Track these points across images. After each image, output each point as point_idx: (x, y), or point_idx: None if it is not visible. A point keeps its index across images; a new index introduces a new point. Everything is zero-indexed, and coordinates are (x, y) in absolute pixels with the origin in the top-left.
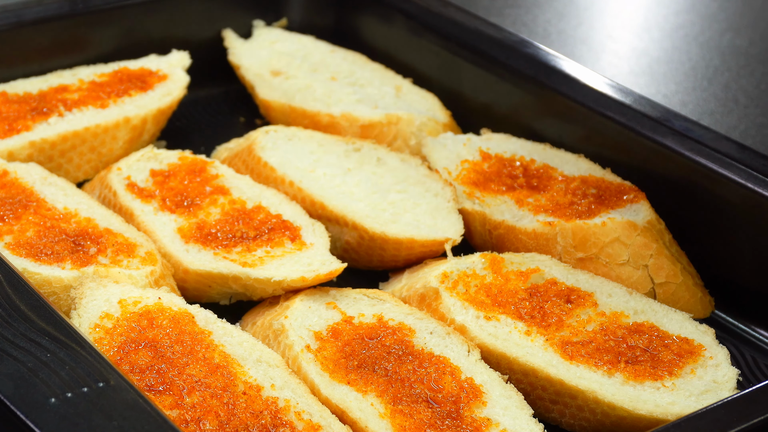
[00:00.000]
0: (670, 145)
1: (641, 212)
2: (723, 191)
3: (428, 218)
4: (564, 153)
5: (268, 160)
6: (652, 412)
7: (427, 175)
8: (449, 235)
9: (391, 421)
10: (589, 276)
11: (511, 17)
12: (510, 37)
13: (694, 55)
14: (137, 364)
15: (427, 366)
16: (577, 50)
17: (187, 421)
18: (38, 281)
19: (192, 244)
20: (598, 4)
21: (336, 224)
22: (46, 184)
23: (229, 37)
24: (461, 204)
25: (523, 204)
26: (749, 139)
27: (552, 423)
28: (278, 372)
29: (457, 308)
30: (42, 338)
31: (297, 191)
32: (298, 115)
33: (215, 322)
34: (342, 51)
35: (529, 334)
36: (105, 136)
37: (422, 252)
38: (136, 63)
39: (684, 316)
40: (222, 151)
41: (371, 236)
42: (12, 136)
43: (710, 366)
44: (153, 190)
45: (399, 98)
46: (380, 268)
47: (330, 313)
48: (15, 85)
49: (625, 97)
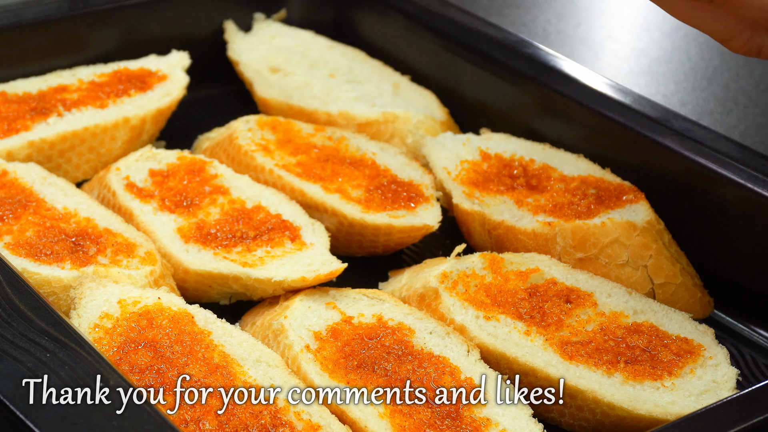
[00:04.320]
0: (670, 145)
1: (641, 212)
2: (723, 191)
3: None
4: (563, 153)
5: (249, 149)
6: (652, 412)
7: (406, 163)
8: (427, 222)
9: (390, 421)
10: (589, 276)
11: (511, 17)
12: (509, 37)
13: (693, 55)
14: (137, 364)
15: (426, 366)
16: (577, 50)
17: (187, 421)
18: (38, 281)
19: (192, 244)
20: (598, 4)
21: (316, 211)
22: (46, 184)
23: (230, 29)
24: (461, 204)
25: (522, 204)
26: (749, 139)
27: (551, 423)
28: (278, 372)
29: (457, 308)
30: (42, 338)
31: (277, 179)
32: (295, 113)
33: (215, 322)
34: (341, 47)
35: (529, 334)
36: (104, 137)
37: (400, 238)
38: (136, 63)
39: (683, 316)
40: (203, 140)
41: (350, 222)
42: (11, 136)
43: (710, 366)
44: (152, 190)
45: (397, 95)
46: (360, 254)
47: (329, 313)
48: (14, 85)
49: (624, 97)
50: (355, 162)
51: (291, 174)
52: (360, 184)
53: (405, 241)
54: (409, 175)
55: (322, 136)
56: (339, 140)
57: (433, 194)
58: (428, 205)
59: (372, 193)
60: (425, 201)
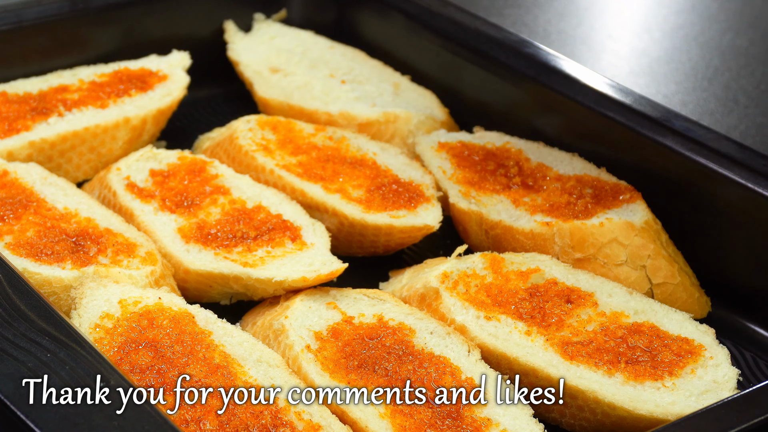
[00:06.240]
0: (671, 145)
1: (638, 212)
2: (723, 191)
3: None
4: (558, 152)
5: (249, 149)
6: (652, 412)
7: (407, 163)
8: (428, 222)
9: (391, 421)
10: (590, 276)
11: (511, 17)
12: (510, 37)
13: (694, 55)
14: (137, 364)
15: (427, 366)
16: (577, 50)
17: (188, 421)
18: (38, 281)
19: (192, 244)
20: (598, 4)
21: (316, 211)
22: (46, 184)
23: (230, 29)
24: (457, 203)
25: (519, 204)
26: (749, 139)
27: (552, 423)
28: (278, 372)
29: (458, 308)
30: (42, 338)
31: (278, 179)
32: (296, 113)
33: (215, 322)
34: (341, 47)
35: (530, 334)
36: (105, 137)
37: (401, 238)
38: (136, 63)
39: (684, 316)
40: (204, 140)
41: (351, 222)
42: (12, 136)
43: (710, 366)
44: (153, 190)
45: (397, 96)
46: (360, 254)
47: (330, 313)
48: (15, 85)
49: (625, 97)
50: (355, 162)
51: (292, 174)
52: (361, 184)
53: (406, 241)
54: (409, 175)
55: (322, 136)
56: (340, 140)
57: (434, 194)
58: (429, 205)
59: (373, 193)
60: (426, 201)
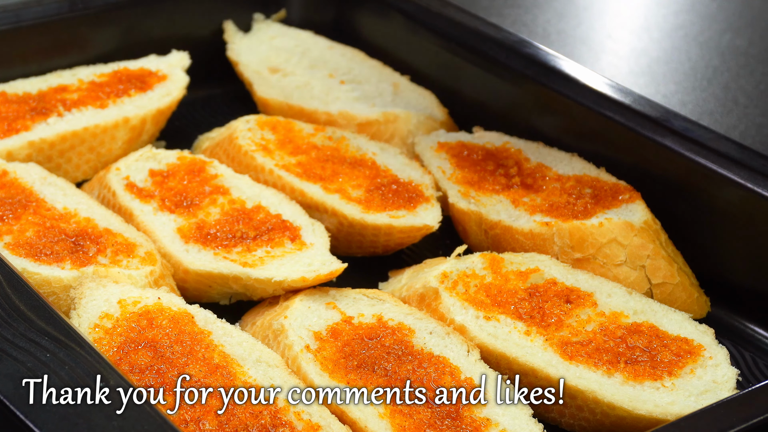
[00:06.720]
0: (670, 145)
1: (637, 212)
2: (723, 191)
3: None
4: (557, 152)
5: (249, 149)
6: (652, 412)
7: (407, 163)
8: (427, 222)
9: (390, 421)
10: (589, 276)
11: (511, 17)
12: (509, 37)
13: (693, 55)
14: (137, 364)
15: (426, 366)
16: (577, 50)
17: (187, 421)
18: (38, 281)
19: (192, 244)
20: (598, 4)
21: (316, 211)
22: (46, 184)
23: (230, 29)
24: (457, 203)
25: (518, 204)
26: (749, 139)
27: (551, 423)
28: (278, 372)
29: (457, 308)
30: (41, 338)
31: (277, 179)
32: (295, 113)
33: (215, 322)
34: (340, 47)
35: (529, 334)
36: (104, 137)
37: (401, 238)
38: (136, 63)
39: (683, 316)
40: (203, 140)
41: (350, 222)
42: (11, 136)
43: (710, 366)
44: (152, 190)
45: (397, 96)
46: (360, 254)
47: (330, 313)
48: (14, 85)
49: (624, 97)
50: (355, 162)
51: (291, 174)
52: (360, 184)
53: (405, 241)
54: (409, 175)
55: (322, 136)
56: (339, 140)
57: (433, 194)
58: (428, 205)
59: (372, 193)
60: (425, 201)
